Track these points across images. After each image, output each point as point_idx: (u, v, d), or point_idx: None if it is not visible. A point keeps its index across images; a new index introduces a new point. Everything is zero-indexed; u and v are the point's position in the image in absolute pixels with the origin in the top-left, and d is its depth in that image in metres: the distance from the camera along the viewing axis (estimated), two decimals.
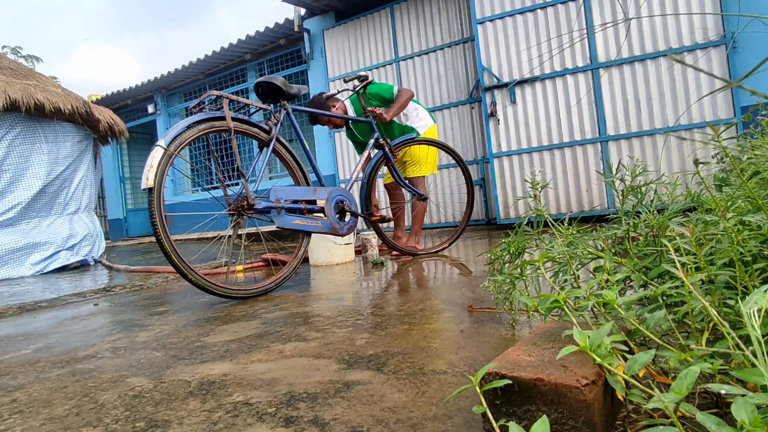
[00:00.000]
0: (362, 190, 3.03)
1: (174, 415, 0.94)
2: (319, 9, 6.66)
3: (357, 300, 1.95)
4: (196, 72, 8.49)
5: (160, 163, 1.92)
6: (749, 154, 1.15)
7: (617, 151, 4.53)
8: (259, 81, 2.39)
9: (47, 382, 1.23)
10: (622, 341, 0.73)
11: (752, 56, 4.06)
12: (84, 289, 2.99)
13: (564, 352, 0.66)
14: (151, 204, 1.90)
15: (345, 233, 2.57)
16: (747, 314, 0.56)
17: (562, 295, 0.85)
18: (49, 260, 4.63)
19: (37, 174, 4.67)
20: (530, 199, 1.32)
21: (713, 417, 0.50)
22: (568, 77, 4.67)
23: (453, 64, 5.88)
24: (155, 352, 1.42)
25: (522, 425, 0.66)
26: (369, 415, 0.86)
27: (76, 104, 4.90)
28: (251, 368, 1.18)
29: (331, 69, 6.74)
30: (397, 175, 3.12)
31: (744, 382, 0.64)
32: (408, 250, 3.17)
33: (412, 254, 3.16)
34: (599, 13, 4.51)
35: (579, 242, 1.16)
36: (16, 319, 2.27)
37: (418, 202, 3.35)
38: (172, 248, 1.92)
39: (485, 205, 5.73)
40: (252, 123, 2.28)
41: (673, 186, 1.27)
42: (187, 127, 2.04)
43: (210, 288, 2.02)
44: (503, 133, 4.93)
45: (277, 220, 2.27)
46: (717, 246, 0.90)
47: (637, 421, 0.72)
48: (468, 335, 1.29)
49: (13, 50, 15.79)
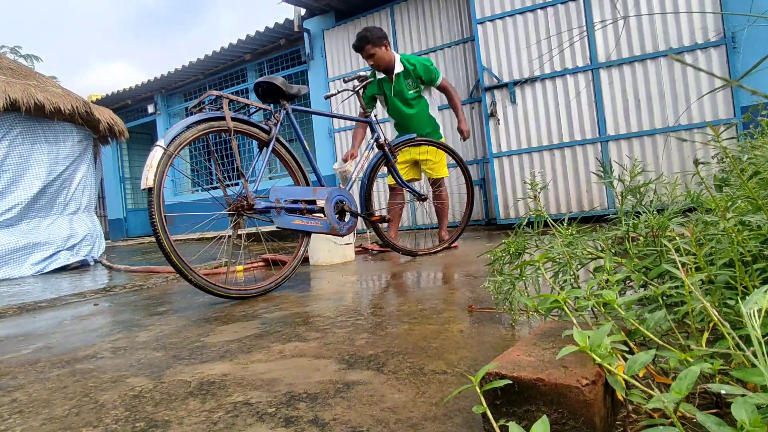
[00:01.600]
0: (362, 190, 3.03)
1: (174, 415, 0.94)
2: (319, 9, 6.66)
3: (357, 300, 1.95)
4: (196, 72, 8.49)
5: (160, 163, 1.92)
6: (749, 154, 1.15)
7: (617, 152, 4.53)
8: (259, 81, 2.39)
9: (47, 382, 1.23)
10: (622, 341, 0.73)
11: (752, 56, 4.06)
12: (84, 289, 2.99)
13: (564, 352, 0.66)
14: (150, 204, 1.89)
15: (345, 233, 2.57)
16: (747, 314, 0.56)
17: (562, 296, 0.85)
18: (49, 260, 4.63)
19: (37, 174, 4.66)
20: (530, 200, 1.32)
21: (713, 417, 0.50)
22: (568, 77, 4.67)
23: (453, 64, 5.88)
24: (155, 352, 1.42)
25: (522, 425, 0.66)
26: (369, 415, 0.86)
27: (76, 104, 4.90)
28: (251, 368, 1.18)
29: (331, 69, 6.74)
30: (397, 176, 3.12)
31: (744, 383, 0.64)
32: (409, 251, 3.17)
33: (413, 254, 3.16)
34: (599, 13, 4.51)
35: (579, 242, 1.16)
36: (16, 319, 2.27)
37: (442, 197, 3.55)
38: (172, 248, 1.92)
39: (485, 205, 5.73)
40: (252, 123, 2.28)
41: (672, 186, 1.27)
42: (187, 127, 2.04)
43: (210, 288, 2.02)
44: (503, 133, 4.93)
45: (277, 220, 2.27)
46: (717, 246, 0.90)
47: (637, 421, 0.72)
48: (468, 335, 1.29)
49: (13, 50, 15.76)
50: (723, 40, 4.10)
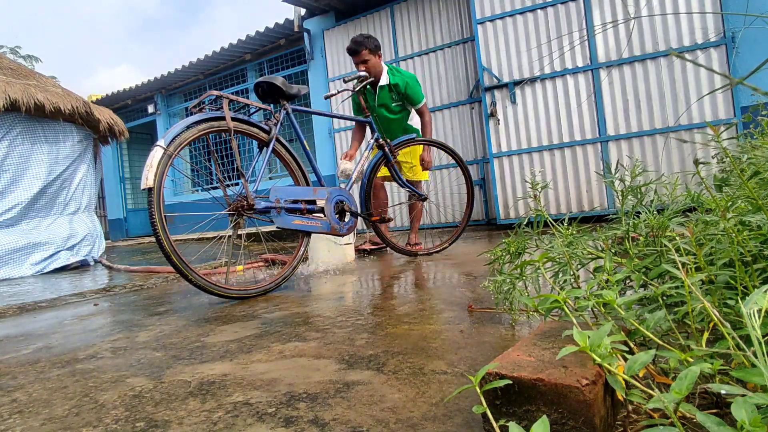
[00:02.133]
0: (362, 190, 3.03)
1: (174, 415, 0.94)
2: (319, 9, 6.66)
3: (357, 300, 1.95)
4: (196, 72, 8.49)
5: (160, 163, 1.92)
6: (749, 154, 1.15)
7: (617, 152, 4.53)
8: (259, 81, 2.39)
9: (47, 382, 1.23)
10: (622, 341, 0.73)
11: (752, 56, 4.06)
12: (84, 289, 2.99)
13: (564, 352, 0.66)
14: (150, 204, 1.90)
15: (345, 233, 2.58)
16: (747, 314, 0.56)
17: (562, 296, 0.85)
18: (49, 260, 4.63)
19: (37, 174, 4.67)
20: (530, 200, 1.32)
21: (713, 417, 0.50)
22: (568, 77, 4.67)
23: (453, 64, 5.88)
24: (155, 352, 1.42)
25: (522, 425, 0.66)
26: (369, 416, 0.86)
27: (76, 104, 4.90)
28: (251, 368, 1.18)
29: (331, 69, 6.74)
30: (397, 176, 3.12)
31: (744, 383, 0.64)
32: (409, 251, 3.17)
33: (412, 254, 3.16)
34: (599, 13, 4.51)
35: (579, 242, 1.16)
36: (16, 319, 2.27)
37: (418, 202, 3.39)
38: (172, 248, 1.92)
39: (485, 205, 5.73)
40: (252, 123, 2.28)
41: (673, 186, 1.27)
42: (187, 127, 2.04)
43: (210, 288, 2.02)
44: (503, 134, 4.93)
45: (277, 220, 2.27)
46: (717, 246, 0.90)
47: (637, 421, 0.72)
48: (468, 335, 1.29)
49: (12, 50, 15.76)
50: (723, 40, 4.10)
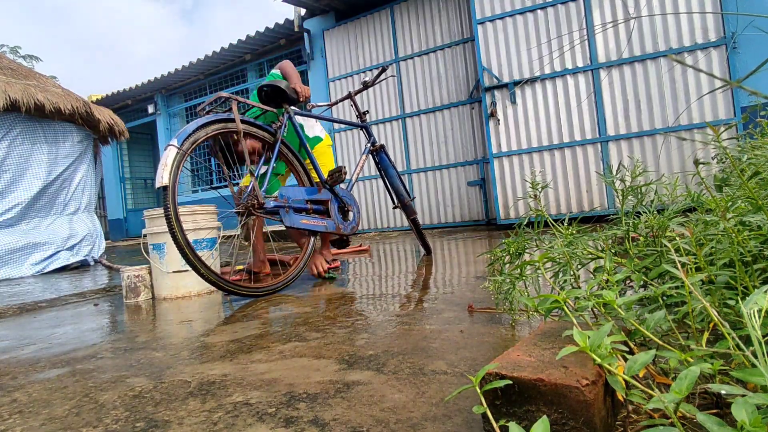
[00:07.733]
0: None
1: (174, 415, 0.94)
2: (319, 9, 6.66)
3: (356, 300, 1.95)
4: (196, 72, 8.49)
5: (174, 161, 1.95)
6: (749, 154, 1.15)
7: (617, 152, 4.53)
8: (263, 85, 2.42)
9: (47, 382, 1.23)
10: (622, 341, 0.73)
11: (752, 56, 4.06)
12: (84, 289, 2.99)
13: (564, 352, 0.66)
14: (166, 201, 1.92)
15: (348, 233, 2.62)
16: (747, 314, 0.56)
17: (562, 296, 0.85)
18: (49, 260, 4.63)
19: (37, 174, 4.67)
20: (530, 200, 1.32)
21: (714, 417, 0.50)
22: (568, 77, 4.67)
23: (453, 64, 5.88)
24: (155, 352, 1.42)
25: (522, 425, 0.66)
26: (369, 416, 0.86)
27: (76, 104, 4.90)
28: (251, 368, 1.18)
29: (332, 69, 6.74)
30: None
31: (744, 383, 0.64)
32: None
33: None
34: (599, 13, 4.51)
35: (579, 242, 1.16)
36: (16, 319, 2.27)
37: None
38: (186, 243, 1.94)
39: (485, 206, 5.73)
40: (259, 125, 2.33)
41: (673, 186, 1.27)
42: (199, 127, 2.06)
43: (220, 284, 2.03)
44: (503, 134, 4.93)
45: (286, 219, 2.30)
46: (717, 246, 0.90)
47: (637, 421, 0.72)
48: (468, 335, 1.28)
49: (12, 50, 15.75)
50: (723, 40, 4.10)
